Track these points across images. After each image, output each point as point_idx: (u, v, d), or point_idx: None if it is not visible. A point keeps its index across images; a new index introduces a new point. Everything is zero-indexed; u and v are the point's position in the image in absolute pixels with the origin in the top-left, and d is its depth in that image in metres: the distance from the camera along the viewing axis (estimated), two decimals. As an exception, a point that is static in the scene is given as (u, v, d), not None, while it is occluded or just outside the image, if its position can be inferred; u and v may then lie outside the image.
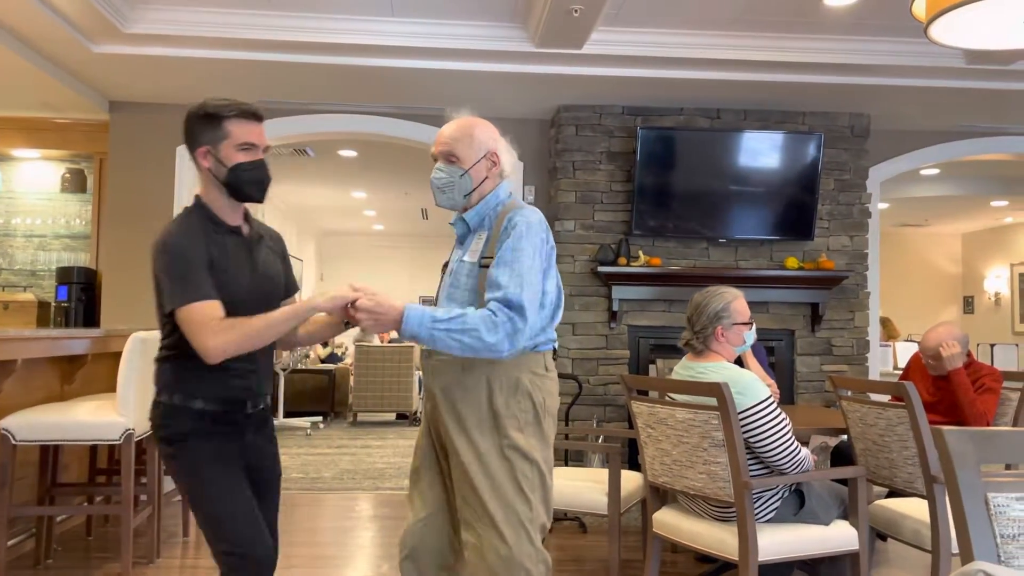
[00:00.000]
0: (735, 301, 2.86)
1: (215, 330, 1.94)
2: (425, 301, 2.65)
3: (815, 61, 4.64)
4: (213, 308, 1.96)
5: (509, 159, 2.27)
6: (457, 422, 2.10)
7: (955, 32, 2.73)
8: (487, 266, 2.08)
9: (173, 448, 2.05)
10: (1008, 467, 3.09)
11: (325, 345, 10.48)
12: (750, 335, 2.91)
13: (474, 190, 2.20)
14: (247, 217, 2.20)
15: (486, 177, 2.21)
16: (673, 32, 4.51)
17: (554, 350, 2.28)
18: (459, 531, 2.16)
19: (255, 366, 2.12)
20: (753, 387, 2.68)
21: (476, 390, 2.08)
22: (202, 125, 2.09)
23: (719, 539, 2.75)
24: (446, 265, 2.32)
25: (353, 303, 1.99)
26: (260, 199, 2.13)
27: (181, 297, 1.96)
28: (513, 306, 1.99)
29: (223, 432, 2.08)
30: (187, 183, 5.50)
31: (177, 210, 5.49)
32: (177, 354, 2.06)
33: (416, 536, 2.20)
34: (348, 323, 2.13)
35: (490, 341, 1.96)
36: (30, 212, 6.04)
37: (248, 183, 2.10)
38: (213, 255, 2.02)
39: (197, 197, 2.13)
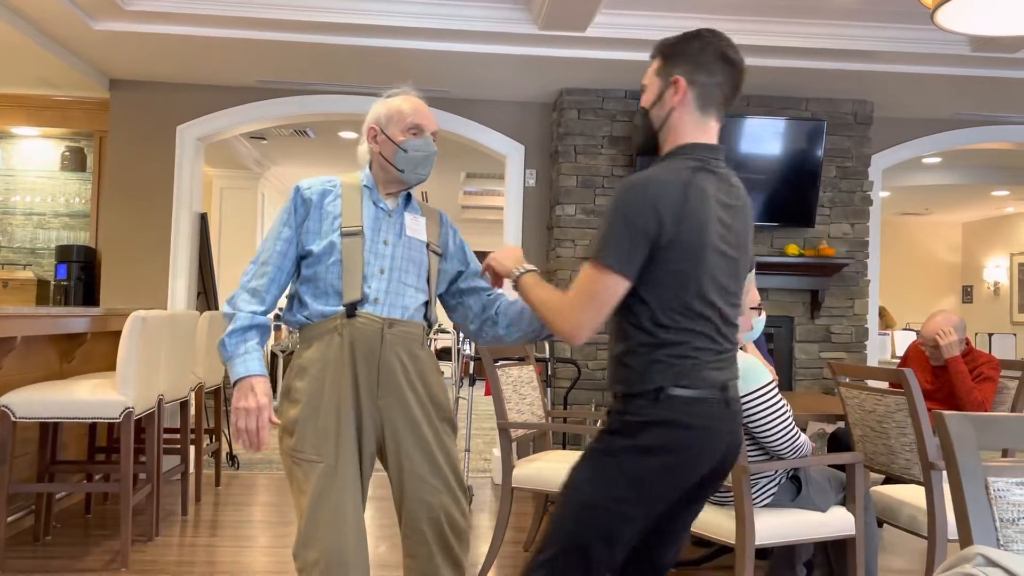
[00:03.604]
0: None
1: None
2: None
3: (819, 47, 4.62)
4: None
5: None
6: (415, 395, 2.08)
7: (961, 18, 2.72)
8: (435, 253, 2.18)
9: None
10: (1005, 453, 3.10)
11: None
12: (759, 321, 2.91)
13: None
14: None
15: None
16: (677, 16, 4.48)
17: None
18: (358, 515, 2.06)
19: None
20: (755, 372, 2.68)
21: (424, 364, 2.11)
22: (702, 54, 1.78)
23: (716, 523, 2.77)
24: (354, 229, 2.08)
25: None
26: None
27: None
28: None
29: None
30: (187, 162, 5.49)
31: (178, 190, 5.48)
32: None
33: (351, 557, 1.96)
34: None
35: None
36: (30, 190, 6.02)
37: None
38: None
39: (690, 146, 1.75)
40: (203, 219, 5.75)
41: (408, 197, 2.19)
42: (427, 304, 2.16)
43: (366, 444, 2.07)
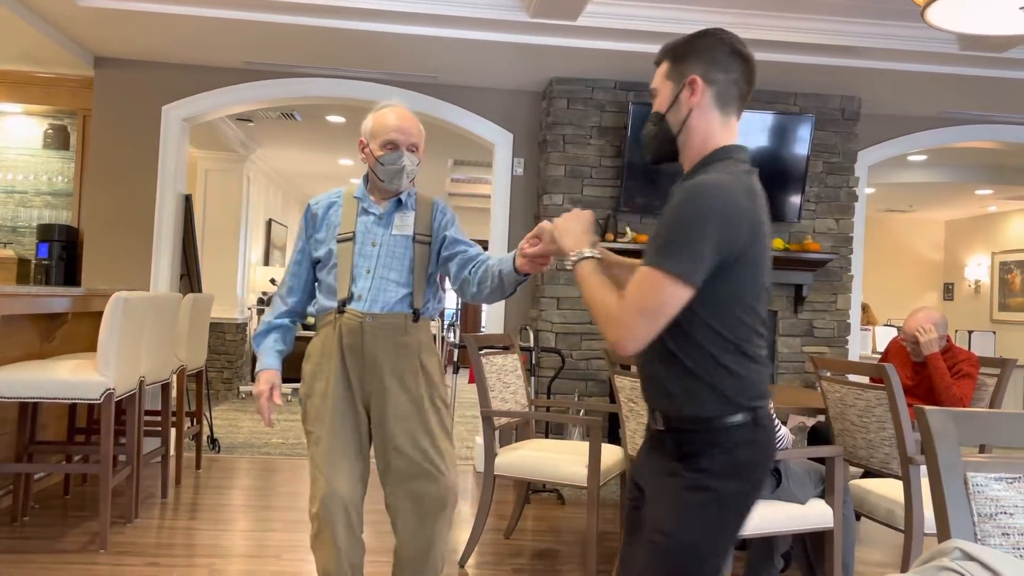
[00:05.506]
0: None
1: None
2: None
3: (809, 42, 4.62)
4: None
5: None
6: (398, 379, 2.34)
7: (951, 16, 2.73)
8: (422, 242, 2.40)
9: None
10: (982, 449, 3.14)
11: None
12: None
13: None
14: None
15: None
16: (669, 7, 4.48)
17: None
18: (376, 486, 2.47)
19: None
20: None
21: (411, 349, 2.36)
22: (715, 51, 1.64)
23: (696, 513, 2.78)
24: (347, 236, 2.39)
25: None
26: None
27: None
28: None
29: None
30: (172, 143, 5.43)
31: (162, 171, 5.43)
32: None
33: (339, 505, 2.33)
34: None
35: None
36: (11, 168, 5.94)
37: None
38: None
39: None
40: (187, 201, 5.70)
41: (398, 200, 2.42)
42: (412, 295, 2.38)
43: (359, 422, 2.38)
